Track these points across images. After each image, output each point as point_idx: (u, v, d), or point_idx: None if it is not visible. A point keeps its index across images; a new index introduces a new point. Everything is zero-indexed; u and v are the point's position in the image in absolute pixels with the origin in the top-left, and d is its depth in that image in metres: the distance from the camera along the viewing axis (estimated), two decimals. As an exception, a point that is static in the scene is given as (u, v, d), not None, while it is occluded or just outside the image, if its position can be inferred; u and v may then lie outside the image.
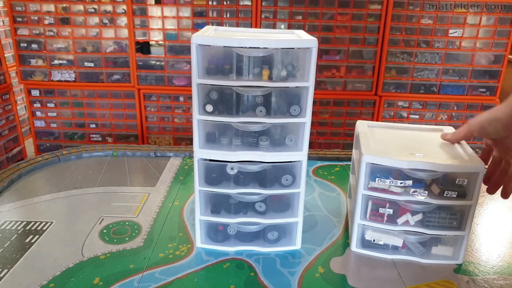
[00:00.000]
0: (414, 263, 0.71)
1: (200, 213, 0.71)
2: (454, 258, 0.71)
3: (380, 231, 0.71)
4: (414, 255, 0.71)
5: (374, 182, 0.68)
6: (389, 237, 0.71)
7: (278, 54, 0.62)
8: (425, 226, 0.69)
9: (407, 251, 0.72)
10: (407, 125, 0.82)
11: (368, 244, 0.73)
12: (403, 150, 0.69)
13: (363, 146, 0.70)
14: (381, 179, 0.67)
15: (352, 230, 0.73)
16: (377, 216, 0.71)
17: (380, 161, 0.66)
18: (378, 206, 0.70)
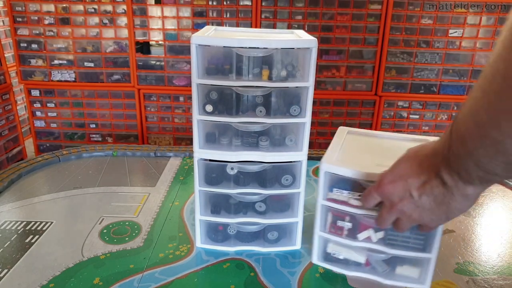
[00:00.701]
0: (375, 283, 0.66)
1: (200, 213, 0.71)
2: (420, 281, 0.64)
3: (341, 245, 0.67)
4: (376, 274, 0.66)
5: (332, 192, 0.64)
6: (350, 252, 0.67)
7: (278, 54, 0.62)
8: (387, 244, 0.63)
9: (370, 269, 0.67)
10: (391, 134, 0.76)
11: (328, 258, 0.69)
12: (370, 161, 0.64)
13: (327, 154, 0.65)
14: (339, 190, 0.63)
15: (313, 241, 0.70)
16: (336, 229, 0.66)
17: (338, 171, 0.62)
18: (337, 218, 0.65)
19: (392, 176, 0.52)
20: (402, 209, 0.51)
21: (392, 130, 2.50)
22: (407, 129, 2.50)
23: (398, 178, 0.51)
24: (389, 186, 0.51)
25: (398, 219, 0.54)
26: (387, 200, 0.53)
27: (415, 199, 0.49)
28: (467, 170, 0.42)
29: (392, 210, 0.53)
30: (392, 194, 0.51)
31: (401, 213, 0.52)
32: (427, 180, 0.48)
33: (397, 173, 0.51)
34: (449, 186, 0.46)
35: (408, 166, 0.50)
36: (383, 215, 0.55)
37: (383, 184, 0.52)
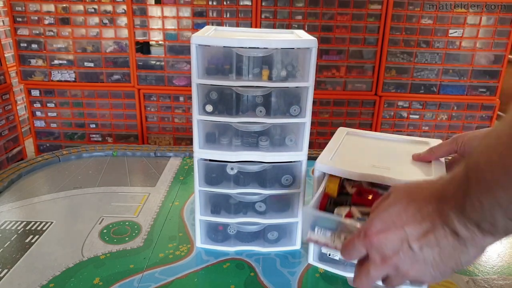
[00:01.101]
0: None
1: (200, 213, 0.71)
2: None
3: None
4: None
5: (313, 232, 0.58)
6: None
7: (278, 54, 0.62)
8: None
9: None
10: (390, 136, 0.75)
11: (324, 258, 0.69)
12: (366, 162, 0.64)
13: (322, 155, 0.65)
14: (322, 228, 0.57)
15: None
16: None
17: (332, 171, 0.62)
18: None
19: (382, 223, 0.41)
20: (396, 264, 0.41)
21: (392, 130, 2.50)
22: (407, 129, 2.50)
23: (391, 226, 0.41)
24: (380, 237, 0.41)
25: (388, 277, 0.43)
26: (376, 254, 0.42)
27: (415, 252, 0.40)
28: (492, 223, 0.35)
29: (384, 266, 0.41)
30: (384, 246, 0.41)
31: (394, 269, 0.41)
32: (431, 229, 0.39)
33: (388, 220, 0.41)
34: (462, 237, 0.37)
35: (402, 211, 0.41)
36: (370, 273, 0.42)
37: (371, 234, 0.41)
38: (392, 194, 0.44)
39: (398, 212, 0.41)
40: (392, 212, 0.41)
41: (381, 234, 0.41)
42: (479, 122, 2.47)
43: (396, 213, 0.41)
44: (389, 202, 0.43)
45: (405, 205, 0.41)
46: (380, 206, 0.43)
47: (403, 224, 0.40)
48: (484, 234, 0.36)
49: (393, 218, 0.41)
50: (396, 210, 0.41)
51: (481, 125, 2.47)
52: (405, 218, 0.40)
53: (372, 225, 0.42)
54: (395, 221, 0.41)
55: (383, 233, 0.41)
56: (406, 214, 0.40)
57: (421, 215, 0.40)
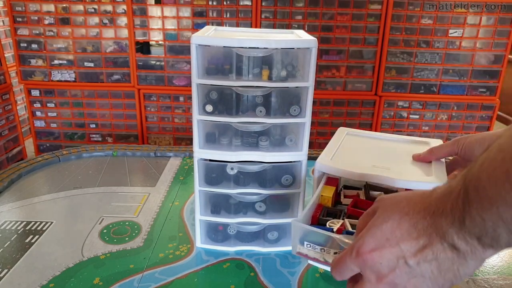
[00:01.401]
0: None
1: (200, 213, 0.71)
2: None
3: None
4: None
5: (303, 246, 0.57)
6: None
7: (278, 54, 0.62)
8: None
9: None
10: (390, 136, 0.75)
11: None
12: (366, 162, 0.64)
13: (322, 155, 0.65)
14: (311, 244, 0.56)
15: None
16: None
17: (332, 171, 0.62)
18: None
19: (374, 240, 0.40)
20: (393, 282, 0.40)
21: (392, 130, 2.50)
22: (407, 129, 2.50)
23: (385, 243, 0.39)
24: (373, 255, 0.39)
25: None
26: (370, 273, 0.40)
27: (412, 268, 0.39)
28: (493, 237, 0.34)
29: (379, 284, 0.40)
30: (379, 264, 0.39)
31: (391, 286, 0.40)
32: (428, 244, 0.38)
33: (381, 237, 0.40)
34: (461, 251, 0.37)
35: (396, 227, 0.39)
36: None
37: (364, 253, 0.40)
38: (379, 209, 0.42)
39: (391, 228, 0.39)
40: (385, 228, 0.40)
41: (375, 252, 0.40)
42: (479, 122, 2.47)
43: (389, 229, 0.40)
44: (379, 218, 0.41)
45: (398, 220, 0.40)
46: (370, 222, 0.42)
47: (398, 240, 0.39)
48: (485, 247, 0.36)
49: (386, 235, 0.40)
50: (388, 226, 0.40)
51: (481, 125, 2.47)
52: (400, 234, 0.39)
53: (364, 243, 0.40)
54: (389, 238, 0.39)
55: (377, 251, 0.40)
56: (400, 230, 0.39)
57: (417, 231, 0.38)
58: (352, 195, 0.64)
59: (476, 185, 0.34)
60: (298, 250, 0.51)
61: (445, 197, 0.37)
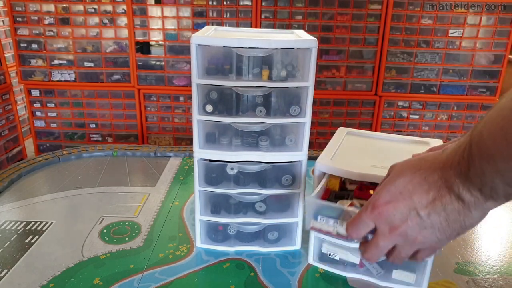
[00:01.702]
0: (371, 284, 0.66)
1: (200, 213, 0.71)
2: (417, 285, 0.64)
3: (336, 245, 0.66)
4: (372, 276, 0.66)
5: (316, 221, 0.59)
6: (345, 253, 0.66)
7: (278, 54, 0.62)
8: None
9: (365, 270, 0.66)
10: (390, 136, 0.75)
11: (324, 258, 0.69)
12: (366, 162, 0.64)
13: (322, 154, 0.65)
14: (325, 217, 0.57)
15: (309, 242, 0.70)
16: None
17: (332, 171, 0.62)
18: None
19: (389, 195, 0.43)
20: (405, 232, 0.43)
21: (392, 130, 2.50)
22: (407, 129, 2.50)
23: (398, 196, 0.43)
24: (388, 207, 0.43)
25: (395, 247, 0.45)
26: (384, 225, 0.44)
27: (423, 219, 0.42)
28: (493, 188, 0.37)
29: (392, 236, 0.44)
30: (393, 216, 0.43)
31: (403, 237, 0.43)
32: (438, 196, 0.41)
33: (395, 191, 0.43)
34: (466, 202, 0.40)
35: (408, 181, 0.43)
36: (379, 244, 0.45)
37: (379, 205, 0.44)
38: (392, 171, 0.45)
39: (404, 183, 0.43)
40: (398, 183, 0.43)
41: (390, 204, 0.43)
42: (479, 122, 2.46)
43: (402, 184, 0.43)
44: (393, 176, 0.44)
45: (410, 176, 0.43)
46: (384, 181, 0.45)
47: (410, 193, 0.42)
48: (487, 198, 0.39)
49: (399, 189, 0.43)
50: (401, 181, 0.43)
51: (481, 125, 2.47)
52: (412, 188, 0.42)
53: (380, 197, 0.44)
54: (402, 191, 0.43)
55: (392, 203, 0.43)
56: (412, 184, 0.42)
57: (427, 184, 0.42)
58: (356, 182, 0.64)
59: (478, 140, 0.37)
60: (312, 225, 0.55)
61: (453, 151, 0.41)
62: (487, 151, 0.36)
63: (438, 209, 0.41)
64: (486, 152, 0.37)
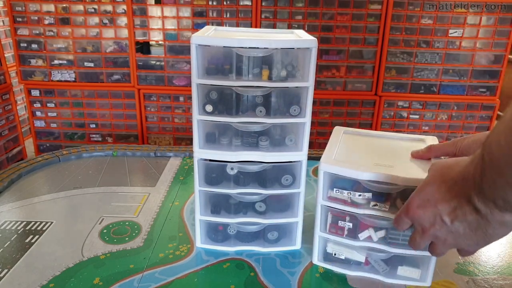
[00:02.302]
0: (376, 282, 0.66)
1: (200, 213, 0.71)
2: (422, 280, 0.65)
3: (341, 244, 0.67)
4: (377, 273, 0.66)
5: (332, 191, 0.64)
6: (350, 252, 0.67)
7: (278, 54, 0.62)
8: (388, 243, 0.63)
9: (370, 268, 0.67)
10: (387, 134, 0.77)
11: (329, 258, 0.69)
12: (368, 161, 0.64)
13: (325, 154, 0.65)
14: (339, 189, 0.63)
15: (313, 242, 0.70)
16: (337, 229, 0.66)
17: (338, 171, 0.62)
18: (337, 218, 0.65)
19: (419, 200, 0.49)
20: (435, 234, 0.49)
21: (392, 130, 2.50)
22: (407, 129, 2.50)
23: (426, 202, 0.48)
24: (418, 211, 0.49)
25: (433, 243, 0.51)
26: (418, 225, 0.51)
27: (448, 225, 0.46)
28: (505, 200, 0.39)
29: (425, 235, 0.50)
30: (422, 219, 0.49)
31: (434, 238, 0.50)
32: (458, 206, 0.45)
33: (424, 197, 0.49)
34: (483, 214, 0.42)
35: (435, 190, 0.47)
36: (416, 240, 0.52)
37: (411, 208, 0.50)
38: (429, 172, 0.50)
39: (432, 191, 0.48)
40: (428, 191, 0.48)
41: (419, 209, 0.49)
42: (479, 122, 2.47)
43: (431, 192, 0.48)
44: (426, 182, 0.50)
45: (438, 185, 0.47)
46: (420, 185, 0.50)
47: (436, 201, 0.47)
48: (501, 210, 0.41)
49: (428, 196, 0.48)
50: (431, 189, 0.48)
51: (481, 125, 2.47)
52: (438, 196, 0.47)
53: (413, 201, 0.50)
54: (430, 199, 0.48)
55: (421, 208, 0.49)
56: (438, 193, 0.47)
57: (450, 194, 0.46)
58: None
59: (489, 152, 0.39)
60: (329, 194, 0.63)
61: (471, 162, 0.43)
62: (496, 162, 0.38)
63: (459, 218, 0.45)
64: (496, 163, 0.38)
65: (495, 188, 0.39)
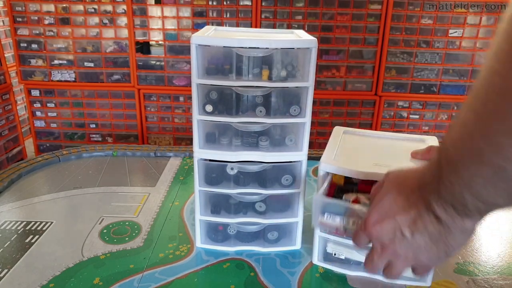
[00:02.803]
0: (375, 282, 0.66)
1: (200, 213, 0.71)
2: (422, 280, 0.65)
3: (341, 244, 0.67)
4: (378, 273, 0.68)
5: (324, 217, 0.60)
6: (350, 252, 0.67)
7: (278, 54, 0.62)
8: None
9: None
10: (387, 134, 0.77)
11: (329, 258, 0.69)
12: (368, 161, 0.64)
13: (325, 154, 0.66)
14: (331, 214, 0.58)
15: (313, 242, 0.70)
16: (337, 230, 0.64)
17: (337, 171, 0.63)
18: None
19: (377, 214, 0.45)
20: (395, 251, 0.44)
21: (392, 130, 2.50)
22: (407, 129, 2.50)
23: (384, 216, 0.44)
24: (376, 228, 0.44)
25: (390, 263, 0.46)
26: (376, 243, 0.45)
27: (408, 239, 0.42)
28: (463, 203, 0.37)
29: (384, 253, 0.45)
30: (381, 235, 0.44)
31: (394, 256, 0.45)
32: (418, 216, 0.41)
33: (382, 211, 0.44)
34: (444, 221, 0.40)
35: (393, 201, 0.43)
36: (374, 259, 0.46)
37: (368, 226, 0.45)
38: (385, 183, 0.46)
39: (390, 203, 0.44)
40: (385, 203, 0.44)
41: (377, 225, 0.44)
42: (479, 122, 2.46)
43: (388, 204, 0.44)
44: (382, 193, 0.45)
45: (395, 195, 0.44)
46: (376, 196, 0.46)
47: (394, 214, 0.43)
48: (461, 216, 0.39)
49: (385, 209, 0.44)
50: (388, 201, 0.44)
51: (481, 125, 2.47)
52: (396, 208, 0.43)
53: (370, 217, 0.45)
54: (387, 211, 0.44)
55: (379, 224, 0.44)
56: (396, 204, 0.43)
57: (409, 204, 0.42)
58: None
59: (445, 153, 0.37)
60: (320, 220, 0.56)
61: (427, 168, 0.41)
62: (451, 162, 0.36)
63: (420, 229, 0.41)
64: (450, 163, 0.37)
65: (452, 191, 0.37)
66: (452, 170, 0.36)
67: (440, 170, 0.38)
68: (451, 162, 0.36)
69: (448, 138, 0.38)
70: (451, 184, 0.37)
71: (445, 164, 0.37)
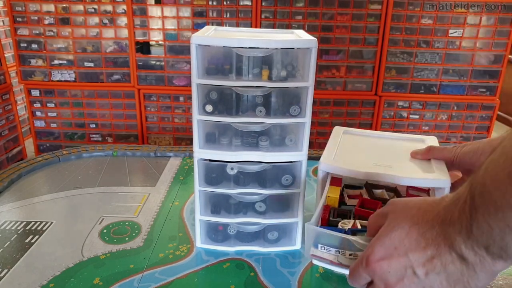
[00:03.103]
0: None
1: (200, 213, 0.71)
2: None
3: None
4: None
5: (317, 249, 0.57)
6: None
7: (278, 54, 0.62)
8: None
9: None
10: (387, 134, 0.77)
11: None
12: (368, 161, 0.64)
13: (325, 154, 0.66)
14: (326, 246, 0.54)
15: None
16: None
17: (336, 171, 0.62)
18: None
19: (383, 250, 0.40)
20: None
21: (392, 130, 2.50)
22: (407, 129, 2.50)
23: (393, 252, 0.39)
24: (382, 264, 0.39)
25: None
26: (379, 282, 0.40)
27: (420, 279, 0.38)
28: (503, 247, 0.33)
29: None
30: (387, 273, 0.39)
31: None
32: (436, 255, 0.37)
33: (390, 246, 0.39)
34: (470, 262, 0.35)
35: (404, 236, 0.39)
36: None
37: (372, 262, 0.40)
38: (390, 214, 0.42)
39: (400, 237, 0.39)
40: (394, 237, 0.39)
41: (383, 262, 0.40)
42: (479, 122, 2.47)
43: (397, 238, 0.39)
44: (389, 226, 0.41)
45: (407, 229, 0.39)
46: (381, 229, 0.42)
47: (406, 250, 0.38)
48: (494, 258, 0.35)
49: (395, 244, 0.39)
50: (397, 235, 0.39)
51: (481, 125, 2.47)
52: (408, 244, 0.38)
53: (374, 252, 0.40)
54: (397, 247, 0.39)
55: (386, 260, 0.39)
56: (409, 240, 0.38)
57: (425, 240, 0.38)
58: (355, 194, 0.64)
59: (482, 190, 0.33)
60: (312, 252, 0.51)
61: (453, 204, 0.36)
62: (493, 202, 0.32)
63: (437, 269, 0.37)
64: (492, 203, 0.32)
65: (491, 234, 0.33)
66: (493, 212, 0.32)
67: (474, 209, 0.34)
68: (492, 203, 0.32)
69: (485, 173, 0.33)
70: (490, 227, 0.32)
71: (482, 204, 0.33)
